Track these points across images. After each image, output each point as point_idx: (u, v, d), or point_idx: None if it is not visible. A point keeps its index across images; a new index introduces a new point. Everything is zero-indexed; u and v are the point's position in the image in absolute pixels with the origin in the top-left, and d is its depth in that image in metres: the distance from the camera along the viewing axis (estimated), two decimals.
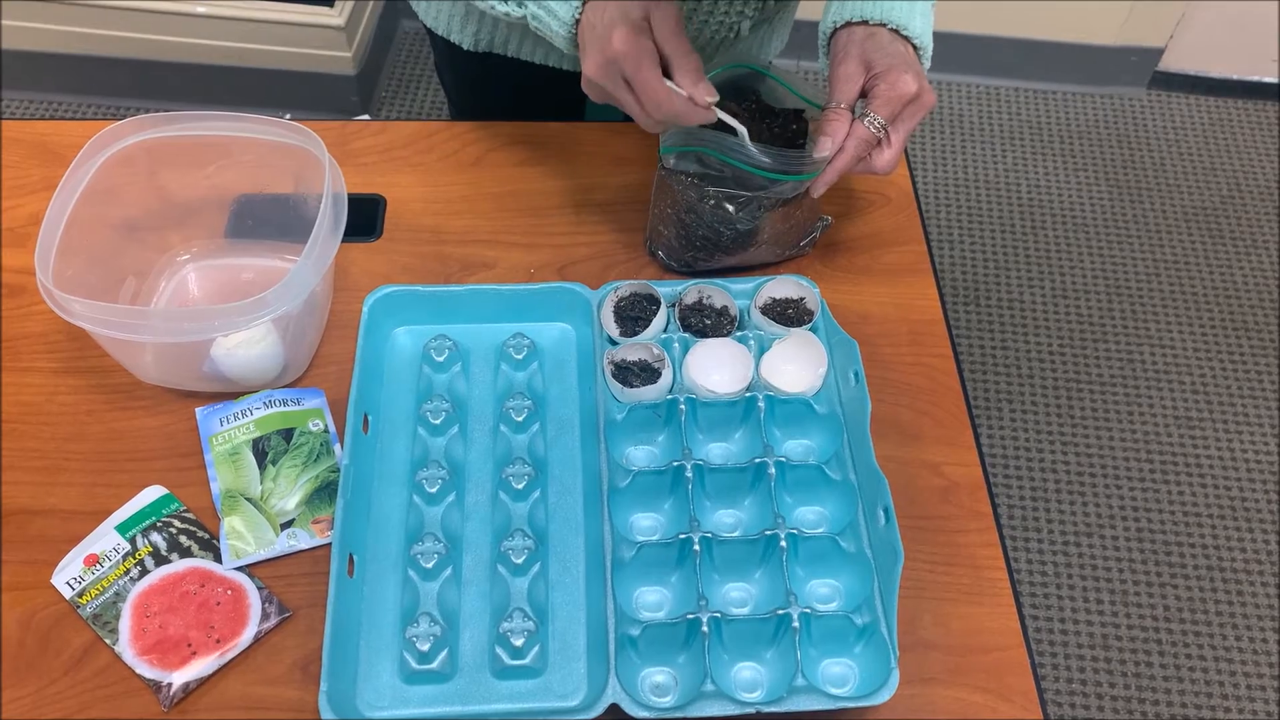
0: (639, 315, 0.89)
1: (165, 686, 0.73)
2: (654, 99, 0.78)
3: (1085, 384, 2.00)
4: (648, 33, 0.77)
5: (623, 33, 0.76)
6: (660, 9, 0.77)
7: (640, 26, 0.77)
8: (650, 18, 0.77)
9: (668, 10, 0.77)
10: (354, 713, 0.72)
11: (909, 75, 0.82)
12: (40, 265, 0.78)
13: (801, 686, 0.72)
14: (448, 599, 0.77)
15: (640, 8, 0.77)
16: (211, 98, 2.24)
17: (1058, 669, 1.68)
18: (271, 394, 0.86)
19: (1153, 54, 2.43)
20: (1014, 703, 0.76)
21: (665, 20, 0.77)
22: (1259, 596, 1.76)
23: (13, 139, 1.04)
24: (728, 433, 0.86)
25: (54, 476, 0.83)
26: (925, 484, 0.86)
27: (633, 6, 0.77)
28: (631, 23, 0.77)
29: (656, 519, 0.82)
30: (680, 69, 0.78)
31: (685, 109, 0.78)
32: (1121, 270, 2.18)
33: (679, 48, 0.78)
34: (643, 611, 0.78)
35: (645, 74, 0.77)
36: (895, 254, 1.00)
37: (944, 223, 2.23)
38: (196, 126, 0.87)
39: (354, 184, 1.00)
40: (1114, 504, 1.86)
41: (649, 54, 0.77)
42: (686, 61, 0.78)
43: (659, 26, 0.77)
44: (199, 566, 0.79)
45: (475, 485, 0.84)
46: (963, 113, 2.44)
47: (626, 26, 0.76)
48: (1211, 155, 2.39)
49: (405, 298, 0.90)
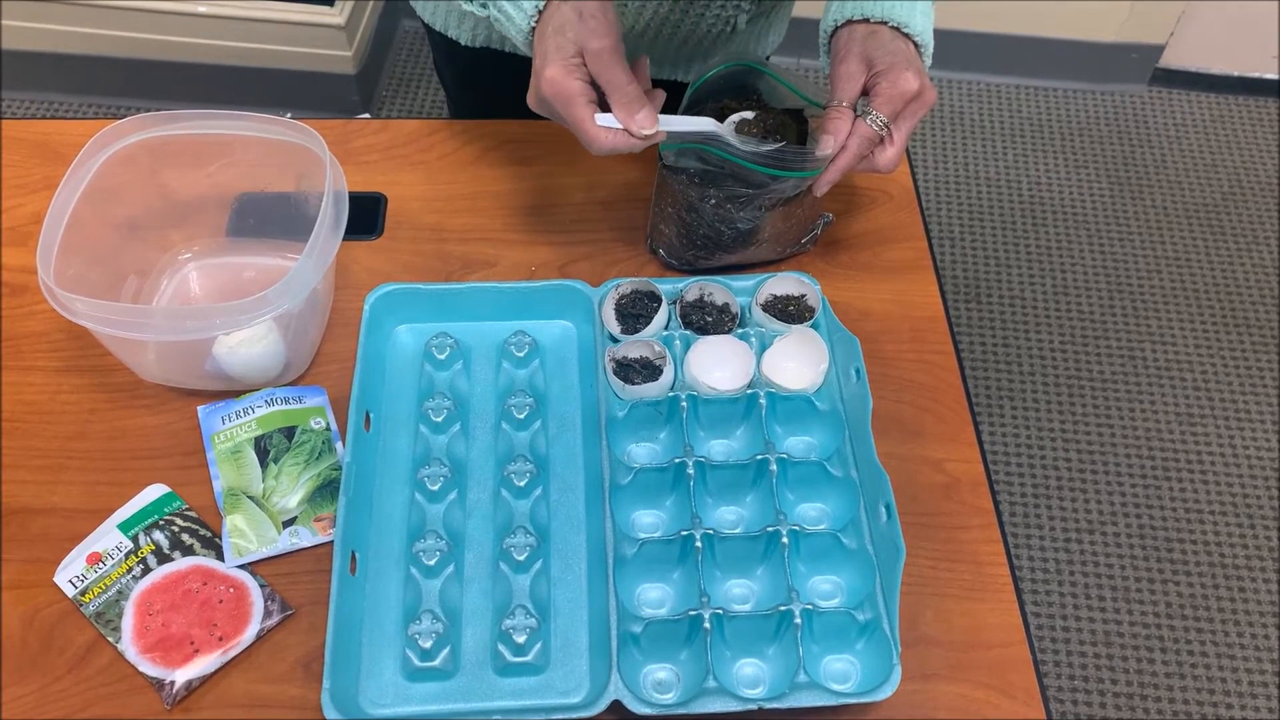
0: (640, 313, 0.89)
1: (168, 684, 0.73)
2: (587, 139, 0.78)
3: (1086, 381, 2.00)
4: (579, 68, 0.76)
5: (551, 73, 0.76)
6: (594, 40, 0.75)
7: (571, 64, 0.76)
8: (583, 51, 0.76)
9: (601, 40, 0.75)
10: (357, 710, 0.72)
11: (910, 73, 0.82)
12: (42, 264, 0.78)
13: (803, 683, 0.72)
14: (450, 596, 0.77)
15: (572, 43, 0.76)
16: (212, 97, 2.24)
17: (1059, 666, 1.68)
18: (273, 392, 0.86)
19: (1154, 51, 2.43)
20: (1016, 699, 0.76)
21: (598, 53, 0.76)
22: (1260, 593, 1.76)
23: (14, 138, 1.04)
24: (729, 430, 0.86)
25: (56, 475, 0.83)
26: (927, 480, 0.86)
27: (565, 41, 0.76)
28: (563, 60, 0.76)
29: (658, 516, 0.82)
30: (614, 102, 0.77)
31: (623, 142, 0.78)
32: (1123, 267, 2.18)
33: (612, 79, 0.76)
34: (645, 608, 0.78)
35: (574, 114, 0.77)
36: (896, 251, 1.00)
37: (945, 220, 2.23)
38: (198, 125, 0.87)
39: (355, 182, 1.00)
40: (1115, 500, 1.86)
41: (578, 95, 0.76)
42: (621, 94, 0.77)
43: (591, 60, 0.76)
44: (201, 565, 0.79)
45: (477, 483, 0.84)
46: (963, 110, 2.44)
47: (557, 65, 0.76)
48: (1212, 152, 2.39)
49: (406, 296, 0.90)
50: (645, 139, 0.78)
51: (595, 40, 0.75)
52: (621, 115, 0.77)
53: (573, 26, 0.76)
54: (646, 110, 0.77)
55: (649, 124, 0.77)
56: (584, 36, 0.76)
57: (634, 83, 0.77)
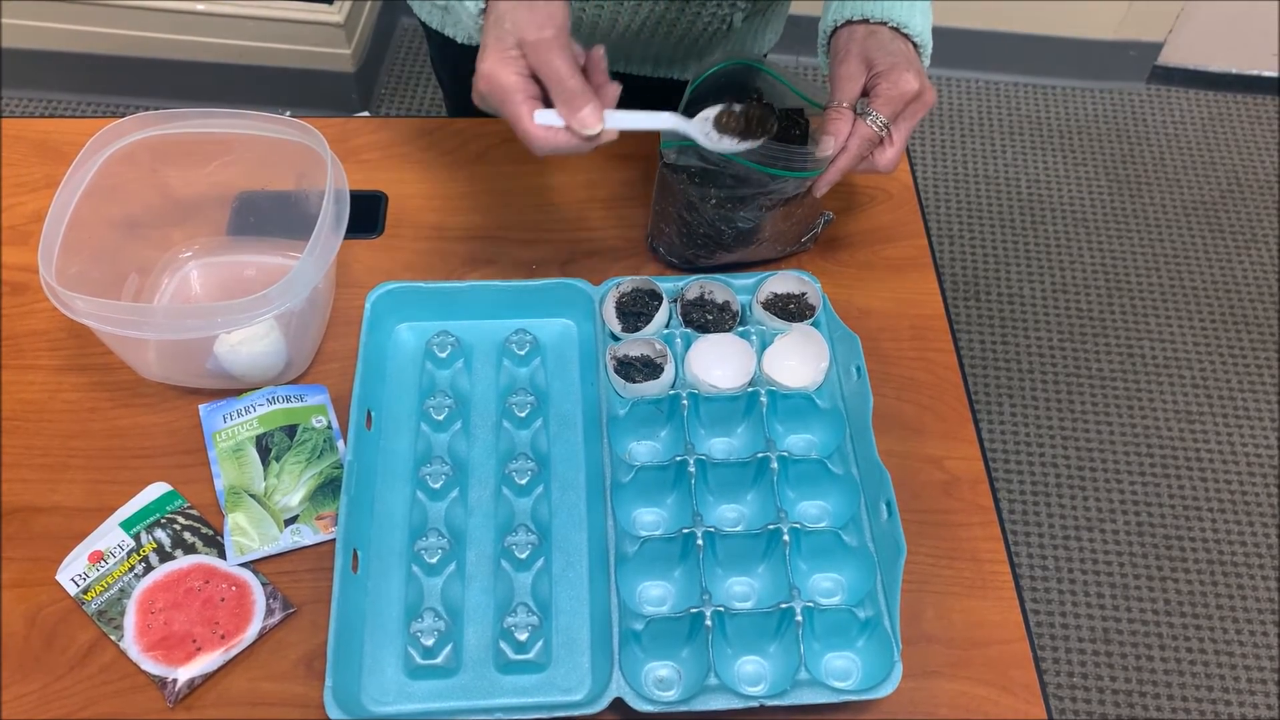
0: (641, 311, 0.89)
1: (170, 682, 0.74)
2: (525, 138, 0.73)
3: (1085, 378, 2.00)
4: (516, 60, 0.71)
5: (486, 66, 0.72)
6: (534, 30, 0.70)
7: (508, 56, 0.71)
8: (522, 42, 0.71)
9: (542, 31, 0.70)
10: (359, 708, 0.72)
11: (910, 74, 0.82)
12: (43, 262, 0.78)
13: (805, 680, 0.72)
14: (451, 594, 0.78)
15: (511, 33, 0.71)
16: (211, 95, 2.24)
17: (1059, 663, 1.68)
18: (274, 390, 0.86)
19: (1152, 49, 2.43)
20: (1017, 695, 0.76)
21: (537, 45, 0.70)
22: (1259, 590, 1.76)
23: (15, 136, 1.04)
24: (730, 428, 0.87)
25: (58, 474, 0.83)
26: (927, 478, 0.86)
27: (503, 33, 0.71)
28: (500, 52, 0.71)
29: (659, 514, 0.83)
30: (555, 97, 0.71)
31: (565, 141, 0.72)
32: (1121, 265, 2.18)
33: (553, 72, 0.71)
34: (646, 606, 0.78)
35: (510, 110, 0.72)
36: (897, 249, 1.00)
37: (944, 218, 2.23)
38: (198, 124, 0.87)
39: (355, 181, 1.00)
40: (1114, 498, 1.86)
41: (515, 90, 0.71)
42: (562, 88, 0.71)
43: (531, 52, 0.71)
44: (203, 563, 0.79)
45: (478, 481, 0.84)
46: (962, 108, 2.45)
47: (493, 57, 0.71)
48: (1211, 150, 2.39)
49: (407, 294, 0.90)
50: (590, 139, 0.72)
51: (534, 30, 0.70)
52: (563, 111, 0.71)
53: (511, 16, 0.71)
54: (591, 106, 0.71)
55: (593, 122, 0.71)
56: (522, 26, 0.71)
57: (577, 76, 0.71)
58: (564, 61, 0.71)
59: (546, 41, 0.71)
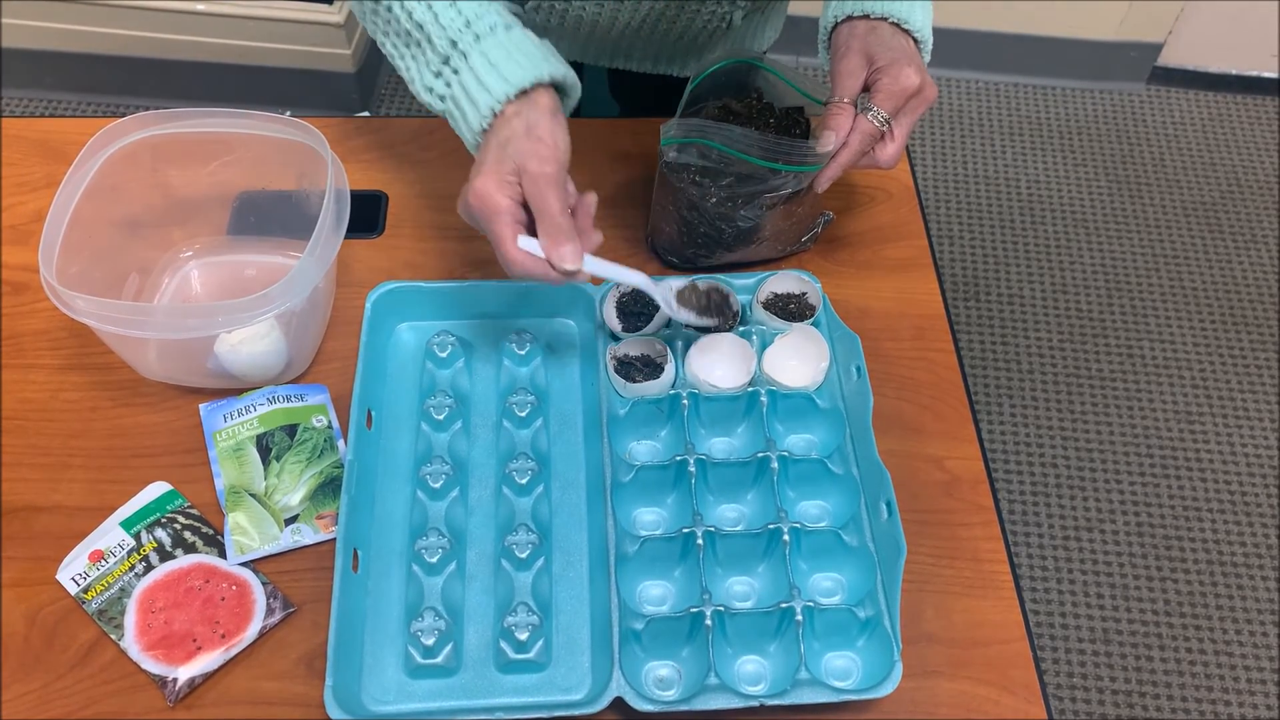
0: (641, 311, 0.89)
1: (171, 682, 0.74)
2: (504, 260, 0.75)
3: (1085, 379, 2.00)
4: (512, 186, 0.74)
5: (481, 184, 0.74)
6: (535, 164, 0.73)
7: (505, 180, 0.73)
8: (522, 170, 0.73)
9: (545, 166, 0.73)
10: (359, 707, 0.72)
11: (911, 69, 0.82)
12: (44, 262, 0.78)
13: (805, 680, 0.72)
14: (452, 594, 0.78)
15: (513, 159, 0.73)
16: (210, 96, 2.24)
17: (1058, 663, 1.68)
18: (275, 390, 0.86)
19: (1152, 49, 2.43)
20: (1017, 695, 0.76)
21: (536, 178, 0.73)
22: (1259, 591, 1.76)
23: (15, 136, 1.04)
24: (730, 427, 0.87)
25: (58, 473, 0.83)
26: (927, 478, 0.86)
27: (505, 156, 0.74)
28: (498, 175, 0.73)
29: (659, 513, 0.83)
30: (543, 230, 0.74)
31: (541, 270, 0.75)
32: (1121, 265, 2.18)
33: (545, 206, 0.73)
34: (646, 605, 0.78)
35: (496, 230, 0.74)
36: (897, 249, 1.00)
37: (944, 218, 2.23)
38: (199, 123, 0.87)
39: (356, 180, 1.00)
40: (1114, 498, 1.86)
41: (504, 212, 0.73)
42: (551, 224, 0.74)
43: (529, 183, 0.73)
44: (203, 562, 0.79)
45: (479, 480, 0.84)
46: (962, 108, 2.45)
47: (490, 178, 0.73)
48: (1211, 150, 2.39)
49: (408, 294, 0.90)
50: (565, 274, 0.75)
51: (536, 164, 0.73)
52: (545, 244, 0.74)
53: (517, 143, 0.73)
54: (572, 246, 0.74)
55: (572, 260, 0.74)
56: (526, 157, 0.73)
57: (566, 215, 0.74)
58: (557, 199, 0.74)
59: (547, 176, 0.73)
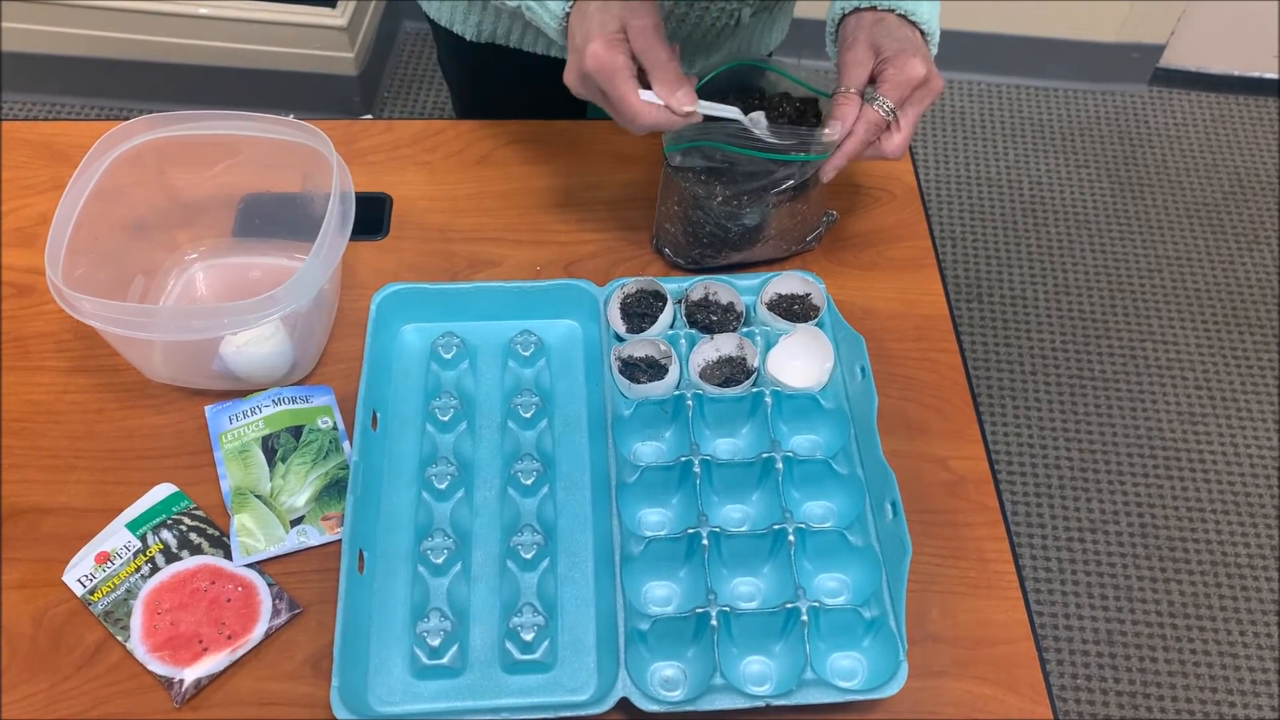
0: (645, 312, 0.89)
1: (177, 683, 0.74)
2: (629, 113, 0.78)
3: (1088, 380, 2.01)
4: (622, 43, 0.77)
5: (595, 47, 0.76)
6: (637, 17, 0.77)
7: (614, 39, 0.77)
8: (627, 27, 0.77)
9: (644, 19, 0.77)
10: (365, 708, 0.72)
11: (917, 59, 0.82)
12: (50, 264, 0.78)
13: (810, 680, 0.72)
14: (458, 594, 0.78)
15: (616, 18, 0.77)
16: (213, 99, 2.24)
17: (1062, 664, 1.68)
18: (280, 391, 0.86)
19: (1154, 51, 2.43)
20: (1022, 695, 0.76)
21: (642, 30, 0.77)
22: (1263, 591, 1.76)
23: (20, 139, 1.04)
24: (735, 428, 0.87)
25: (64, 475, 0.83)
26: (932, 478, 0.86)
27: (609, 17, 0.77)
28: (607, 35, 0.77)
29: (664, 514, 0.83)
30: (656, 78, 0.78)
31: (664, 118, 0.79)
32: (1123, 266, 2.18)
33: (656, 57, 0.77)
34: (652, 606, 0.78)
35: (619, 89, 0.77)
36: (900, 249, 1.00)
37: (946, 219, 2.24)
38: (204, 126, 0.87)
39: (360, 183, 1.00)
40: (1117, 499, 1.86)
41: (623, 69, 0.77)
42: (663, 71, 0.78)
43: (635, 37, 0.77)
44: (209, 564, 0.79)
45: (484, 481, 0.84)
46: (964, 110, 2.45)
47: (601, 40, 0.76)
48: (1213, 151, 2.39)
49: (413, 295, 0.90)
50: (684, 116, 0.79)
51: (639, 18, 0.76)
52: (663, 92, 0.78)
53: (616, 3, 0.77)
54: (686, 89, 0.78)
55: (689, 101, 0.78)
56: (628, 13, 0.77)
57: (675, 60, 0.78)
58: (665, 48, 0.78)
59: (651, 27, 0.77)
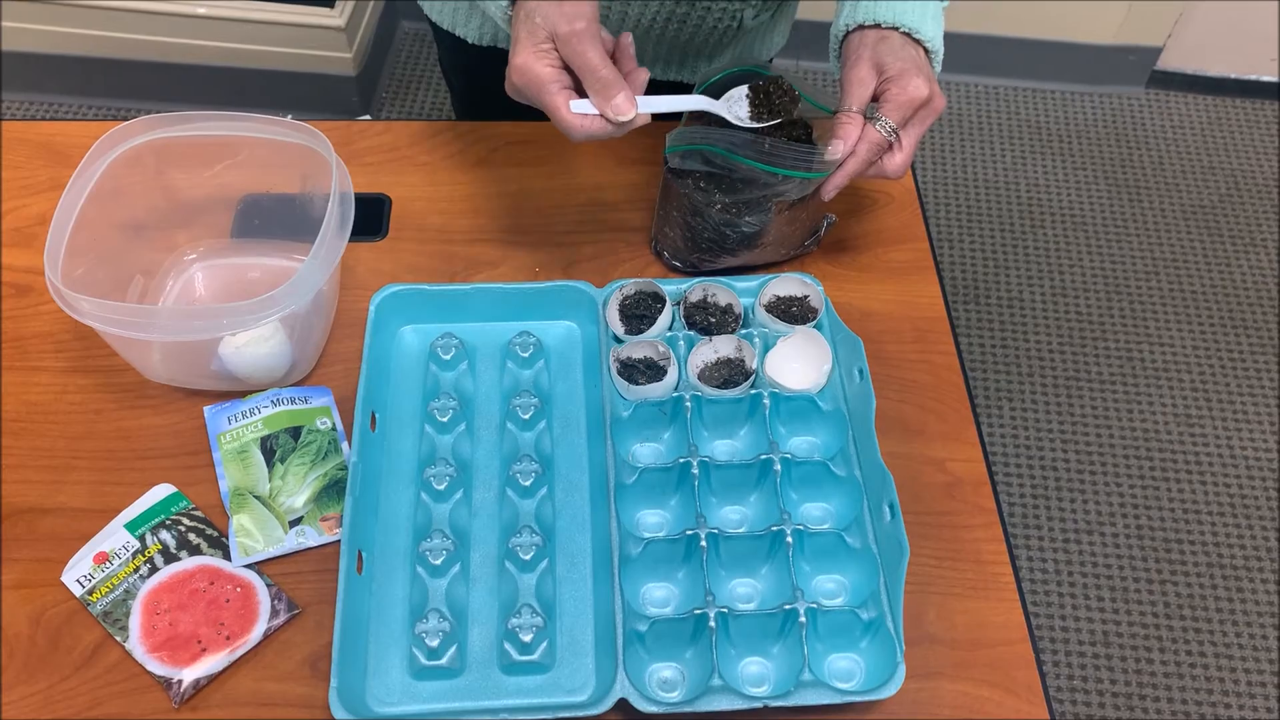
0: (644, 313, 0.89)
1: (176, 683, 0.74)
2: (563, 126, 0.76)
3: (1085, 382, 2.01)
4: (550, 53, 0.74)
5: (519, 60, 0.74)
6: (565, 23, 0.73)
7: (540, 50, 0.74)
8: (554, 35, 0.74)
9: (573, 24, 0.73)
10: (364, 709, 0.72)
11: (920, 79, 0.82)
12: (49, 264, 0.78)
13: (808, 681, 0.72)
14: (456, 595, 0.78)
15: (543, 27, 0.74)
16: (211, 99, 2.24)
17: (1059, 665, 1.68)
18: (279, 392, 0.87)
19: (1151, 53, 2.44)
20: (1019, 696, 0.77)
21: (568, 37, 0.73)
22: (1259, 593, 1.77)
23: (19, 139, 1.04)
24: (733, 430, 0.87)
25: (63, 475, 0.83)
26: (930, 480, 0.86)
27: (535, 26, 0.74)
28: (534, 45, 0.74)
29: (663, 515, 0.83)
30: (588, 86, 0.75)
31: (601, 128, 0.75)
32: (1121, 268, 2.18)
33: (584, 63, 0.74)
34: (650, 607, 0.78)
35: (547, 103, 0.75)
36: (899, 252, 1.01)
37: (944, 221, 2.24)
38: (203, 126, 0.87)
39: (359, 184, 1.01)
40: (1114, 501, 1.86)
41: (549, 81, 0.74)
42: (593, 78, 0.74)
43: (562, 44, 0.74)
44: (208, 564, 0.79)
45: (483, 482, 0.84)
46: (962, 112, 2.45)
47: (528, 51, 0.74)
48: (1210, 154, 2.40)
49: (412, 296, 0.90)
50: (623, 125, 0.75)
51: (565, 23, 0.73)
52: (597, 101, 0.75)
53: (542, 10, 0.74)
54: (624, 94, 0.74)
55: (626, 109, 0.74)
56: (554, 20, 0.73)
57: (608, 65, 0.74)
58: (595, 52, 0.74)
59: (578, 33, 0.73)
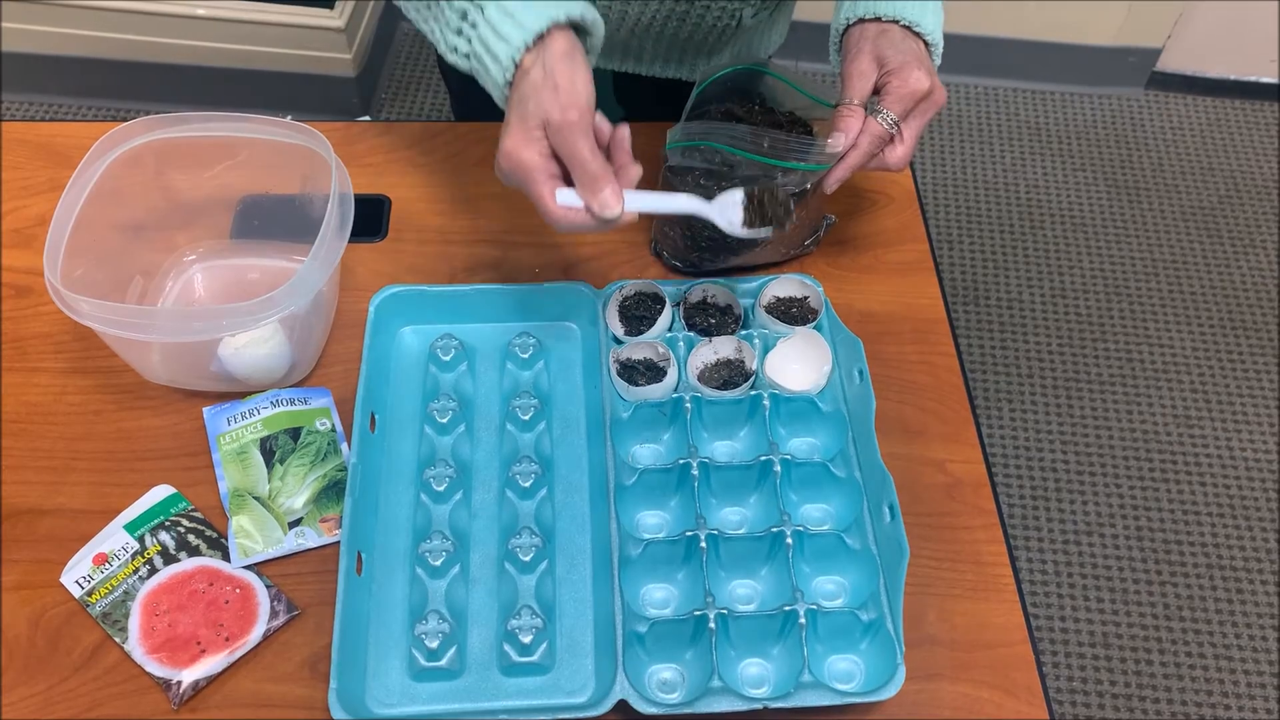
0: (644, 314, 0.89)
1: (175, 684, 0.74)
2: (547, 217, 0.74)
3: (1084, 383, 2.01)
4: (540, 141, 0.72)
5: (509, 144, 0.73)
6: (559, 112, 0.71)
7: (531, 136, 0.72)
8: (546, 122, 0.71)
9: (567, 114, 0.71)
10: (363, 710, 0.72)
11: (921, 71, 0.83)
12: (49, 265, 0.78)
13: (808, 682, 0.72)
14: (456, 597, 0.78)
15: (535, 114, 0.71)
16: (211, 100, 2.24)
17: (1058, 667, 1.68)
18: (279, 393, 0.86)
19: (1150, 54, 2.44)
20: (1019, 698, 0.77)
21: (560, 127, 0.71)
22: (1258, 595, 1.77)
23: (19, 140, 1.04)
24: (733, 431, 0.87)
25: (62, 476, 0.83)
26: (930, 481, 0.86)
27: (528, 112, 0.72)
28: (523, 132, 0.72)
29: (662, 516, 0.83)
30: (576, 179, 0.73)
31: (584, 221, 0.73)
32: (1120, 270, 2.18)
33: (574, 154, 0.71)
34: (650, 608, 0.78)
35: (532, 191, 0.73)
36: (898, 252, 1.01)
37: (943, 223, 2.24)
38: (203, 127, 0.87)
39: (359, 185, 1.00)
40: (1114, 502, 1.86)
41: (537, 170, 0.72)
42: (582, 171, 0.72)
43: (553, 133, 0.72)
44: (207, 565, 0.79)
45: (482, 483, 0.84)
46: (961, 113, 2.45)
47: (516, 136, 0.72)
48: (1209, 155, 2.40)
49: (411, 297, 0.90)
50: (609, 221, 0.73)
51: (558, 112, 0.71)
52: (583, 194, 0.73)
53: (536, 95, 0.71)
54: (610, 189, 0.72)
55: (613, 204, 0.72)
56: (547, 107, 0.71)
57: (598, 158, 0.72)
58: (586, 144, 0.71)
59: (570, 124, 0.71)
